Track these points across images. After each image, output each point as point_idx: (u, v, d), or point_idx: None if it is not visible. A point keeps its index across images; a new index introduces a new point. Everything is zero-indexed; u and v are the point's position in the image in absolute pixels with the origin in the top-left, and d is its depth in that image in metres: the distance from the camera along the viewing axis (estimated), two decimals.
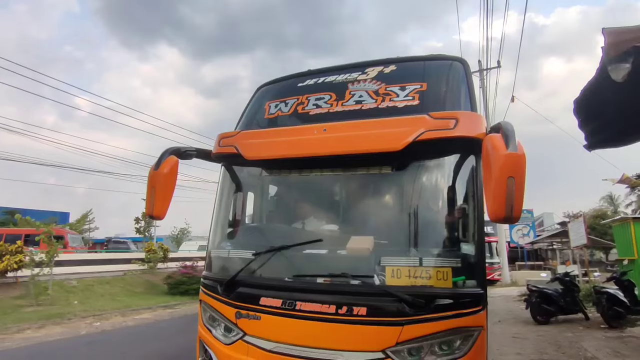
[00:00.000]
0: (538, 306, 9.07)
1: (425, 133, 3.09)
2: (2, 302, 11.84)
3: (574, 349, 6.60)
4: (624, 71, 1.50)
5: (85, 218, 44.58)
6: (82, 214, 44.83)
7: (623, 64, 1.51)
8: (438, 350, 2.89)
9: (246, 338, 3.31)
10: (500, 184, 2.51)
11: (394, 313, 2.91)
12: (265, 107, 4.13)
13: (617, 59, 1.54)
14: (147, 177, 3.58)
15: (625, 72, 1.51)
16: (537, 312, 9.09)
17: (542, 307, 9.03)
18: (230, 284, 3.44)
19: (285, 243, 3.42)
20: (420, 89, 3.57)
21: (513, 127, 2.76)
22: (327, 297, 3.09)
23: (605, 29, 1.58)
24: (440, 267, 2.99)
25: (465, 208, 3.15)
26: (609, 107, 1.85)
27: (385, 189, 3.67)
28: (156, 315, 11.90)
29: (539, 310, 9.05)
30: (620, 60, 1.52)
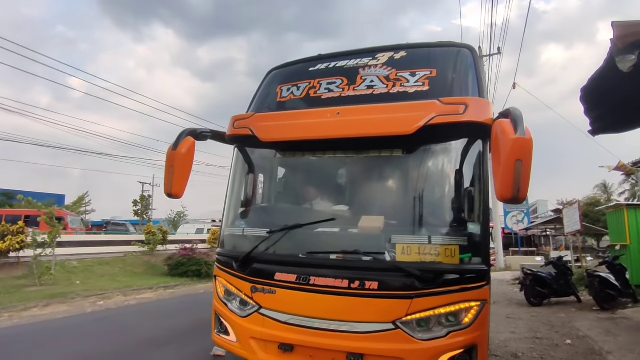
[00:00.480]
0: (532, 289, 9.37)
1: (436, 118, 3.22)
2: (6, 281, 11.98)
3: (566, 328, 6.88)
4: (630, 62, 1.63)
5: (81, 200, 44.60)
6: (79, 196, 44.83)
7: (629, 56, 1.63)
8: (445, 321, 3.08)
9: (262, 311, 3.49)
10: (509, 167, 2.66)
11: (404, 287, 3.09)
12: (277, 90, 4.22)
13: (625, 51, 1.66)
14: (165, 157, 3.69)
15: (631, 63, 1.63)
16: (531, 294, 9.39)
17: (536, 290, 9.32)
18: (246, 260, 3.59)
19: (298, 222, 3.58)
20: (430, 75, 3.69)
21: (521, 112, 2.89)
22: (340, 272, 3.26)
23: (614, 22, 1.69)
24: (448, 245, 3.16)
25: (472, 190, 3.30)
26: (614, 95, 1.98)
27: (396, 171, 3.81)
28: (158, 295, 12.10)
29: (533, 292, 9.35)
30: (627, 52, 1.64)
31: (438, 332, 3.07)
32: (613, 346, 5.58)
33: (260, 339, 3.49)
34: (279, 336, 3.38)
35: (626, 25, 1.72)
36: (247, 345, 3.56)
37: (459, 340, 3.04)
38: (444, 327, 3.07)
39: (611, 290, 8.49)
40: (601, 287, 8.55)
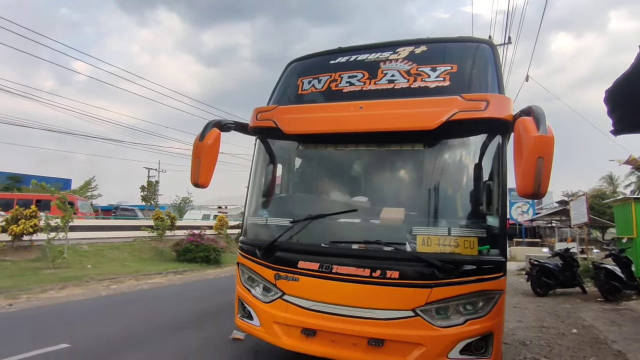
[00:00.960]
0: (538, 279, 9.52)
1: (458, 114, 3.31)
2: (20, 264, 12.24)
3: (572, 318, 7.03)
4: None
5: (88, 185, 44.92)
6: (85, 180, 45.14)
7: None
8: (463, 310, 3.22)
9: (285, 297, 3.65)
10: (530, 163, 2.76)
11: (424, 276, 3.23)
12: (298, 82, 4.30)
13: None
14: (192, 147, 3.81)
15: None
16: (537, 284, 9.54)
17: (542, 280, 9.48)
18: (270, 248, 3.74)
19: (320, 212, 3.71)
20: (451, 70, 3.76)
21: (543, 111, 2.97)
22: (361, 261, 3.40)
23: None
24: (467, 237, 3.29)
25: (491, 184, 3.41)
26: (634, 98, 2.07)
27: (417, 164, 3.91)
28: (168, 280, 12.35)
29: (539, 283, 9.50)
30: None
31: (456, 319, 3.21)
32: (617, 336, 5.73)
33: (283, 323, 3.65)
34: (302, 321, 3.54)
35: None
36: (270, 329, 3.72)
37: (475, 328, 3.18)
38: (462, 315, 3.22)
39: (616, 282, 8.62)
40: (606, 278, 8.68)
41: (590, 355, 4.92)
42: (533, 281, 9.64)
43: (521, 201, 26.03)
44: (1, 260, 12.08)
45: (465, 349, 3.19)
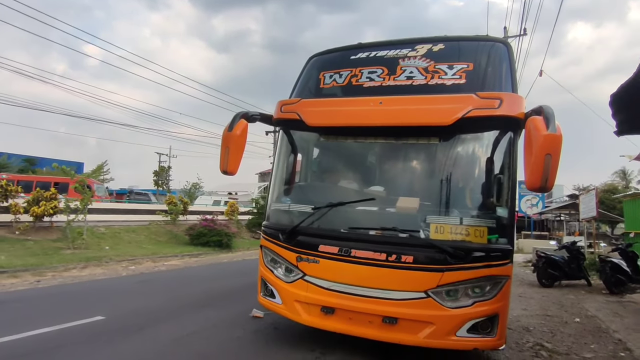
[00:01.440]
0: (544, 270, 9.74)
1: (473, 111, 3.54)
2: (42, 244, 12.74)
3: (575, 308, 7.27)
4: None
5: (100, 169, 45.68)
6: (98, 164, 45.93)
7: None
8: (471, 293, 3.50)
9: (306, 278, 3.95)
10: (539, 160, 3.00)
11: (436, 261, 3.50)
12: (320, 77, 4.53)
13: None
14: (221, 137, 4.09)
15: None
16: (543, 276, 9.76)
17: (548, 272, 9.69)
18: (292, 232, 4.03)
19: (340, 200, 3.98)
20: (467, 68, 3.96)
21: (553, 110, 3.19)
22: (378, 246, 3.68)
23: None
24: (478, 226, 3.55)
25: (501, 177, 3.65)
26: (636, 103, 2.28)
27: (432, 157, 4.15)
28: (184, 262, 12.79)
29: (545, 274, 9.72)
30: None
31: (465, 301, 3.49)
32: (619, 326, 5.97)
33: (304, 302, 3.96)
34: (321, 300, 3.85)
35: None
36: (292, 307, 4.04)
37: (482, 309, 3.46)
38: (470, 298, 3.49)
39: (622, 275, 8.80)
40: (612, 272, 8.86)
41: (591, 343, 5.17)
42: (539, 272, 9.86)
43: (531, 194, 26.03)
44: (24, 239, 12.58)
45: (473, 328, 3.47)
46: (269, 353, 4.16)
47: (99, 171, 47.09)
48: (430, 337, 3.52)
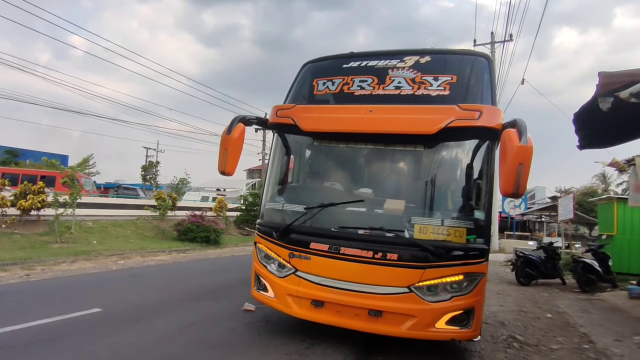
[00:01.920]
0: (522, 269, 10.20)
1: (455, 121, 3.86)
2: (30, 237, 12.72)
3: (548, 305, 7.71)
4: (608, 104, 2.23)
5: (86, 162, 45.08)
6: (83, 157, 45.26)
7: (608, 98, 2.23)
8: (450, 288, 3.82)
9: (298, 273, 4.23)
10: (512, 168, 3.32)
11: (419, 259, 3.82)
12: (314, 83, 4.80)
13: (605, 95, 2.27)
14: (220, 140, 4.33)
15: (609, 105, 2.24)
16: (520, 274, 10.22)
17: (525, 271, 10.15)
18: (285, 231, 4.30)
19: (331, 201, 4.27)
20: (451, 80, 4.28)
21: (526, 124, 3.52)
22: (366, 244, 3.98)
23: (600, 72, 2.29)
24: (458, 227, 3.87)
25: (480, 183, 3.98)
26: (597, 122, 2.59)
27: (417, 163, 4.47)
28: (172, 258, 12.93)
29: (523, 273, 10.18)
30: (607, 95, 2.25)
31: (444, 296, 3.82)
32: (586, 321, 6.41)
33: (295, 295, 4.24)
34: (311, 294, 4.13)
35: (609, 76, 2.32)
36: (284, 300, 4.32)
37: (459, 304, 3.79)
38: (449, 293, 3.82)
39: (593, 275, 9.31)
40: (584, 271, 9.37)
41: (559, 336, 5.57)
42: (517, 271, 10.32)
43: None
44: (11, 233, 12.54)
45: (451, 320, 3.80)
46: (262, 343, 4.43)
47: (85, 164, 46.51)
48: (412, 329, 3.83)
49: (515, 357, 4.62)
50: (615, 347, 5.12)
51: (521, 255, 10.40)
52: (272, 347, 4.29)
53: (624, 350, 4.94)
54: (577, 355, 4.83)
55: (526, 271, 10.16)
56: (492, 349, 4.83)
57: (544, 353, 4.83)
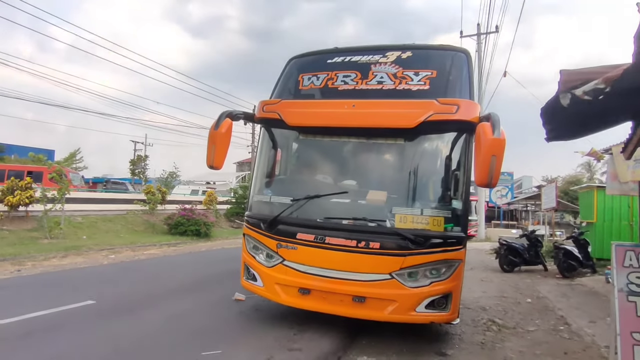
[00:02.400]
0: (505, 257, 10.52)
1: (433, 115, 4.03)
2: (18, 234, 12.67)
3: (530, 290, 8.01)
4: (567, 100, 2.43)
5: (73, 156, 44.51)
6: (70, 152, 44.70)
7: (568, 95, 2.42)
8: (429, 274, 4.03)
9: (285, 262, 4.40)
10: (486, 160, 3.51)
11: (400, 247, 4.01)
12: (299, 78, 4.93)
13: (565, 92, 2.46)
14: (208, 135, 4.45)
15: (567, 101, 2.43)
16: (504, 262, 10.55)
17: (508, 258, 10.48)
18: (273, 222, 4.46)
19: (317, 193, 4.44)
20: (431, 75, 4.45)
21: (499, 117, 3.71)
22: (349, 234, 4.17)
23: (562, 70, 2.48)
24: (436, 216, 4.07)
25: (457, 174, 4.18)
26: (561, 117, 2.78)
27: (398, 155, 4.65)
28: (163, 252, 12.99)
29: (506, 260, 10.51)
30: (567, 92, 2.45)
31: (423, 281, 4.02)
32: (564, 305, 6.71)
33: (283, 284, 4.42)
34: (298, 282, 4.31)
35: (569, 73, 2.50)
36: (272, 289, 4.49)
37: (438, 288, 4.00)
38: (428, 278, 4.03)
39: (573, 261, 9.66)
40: (564, 258, 9.71)
41: (537, 319, 5.85)
42: (501, 259, 10.64)
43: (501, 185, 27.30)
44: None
45: (430, 305, 4.01)
46: (253, 330, 4.62)
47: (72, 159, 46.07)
48: (394, 313, 4.04)
49: (494, 338, 4.87)
50: (588, 327, 5.40)
51: (504, 244, 10.71)
52: (261, 333, 4.47)
53: (596, 331, 5.22)
54: (551, 336, 5.10)
55: (509, 259, 10.48)
56: (472, 332, 5.08)
57: (520, 335, 5.09)
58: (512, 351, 4.46)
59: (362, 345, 4.41)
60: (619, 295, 3.30)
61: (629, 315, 3.24)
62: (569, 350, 4.56)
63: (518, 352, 4.44)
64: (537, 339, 4.95)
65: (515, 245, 10.58)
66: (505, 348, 4.56)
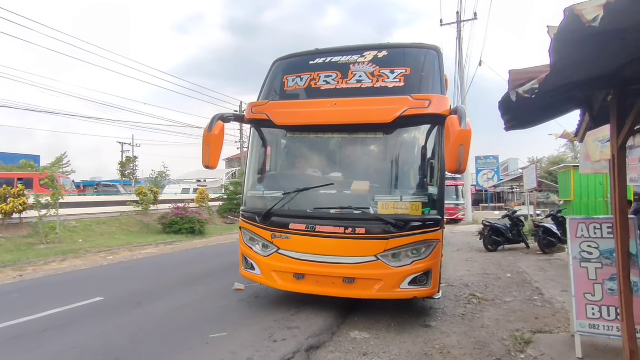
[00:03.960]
0: (489, 237, 11.08)
1: (408, 110, 4.44)
2: (15, 240, 12.85)
3: (511, 267, 8.55)
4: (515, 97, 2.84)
5: (59, 161, 44.17)
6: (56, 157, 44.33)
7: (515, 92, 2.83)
8: (410, 254, 4.47)
9: (280, 251, 4.81)
10: (454, 149, 3.93)
11: (383, 231, 4.44)
12: (284, 80, 5.31)
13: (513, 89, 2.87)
14: (202, 137, 4.81)
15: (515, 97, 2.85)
16: (488, 242, 11.10)
17: (492, 238, 11.04)
18: (267, 215, 4.85)
19: (305, 186, 4.84)
20: (405, 72, 4.85)
21: (465, 110, 4.13)
22: (337, 222, 4.58)
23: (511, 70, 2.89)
24: (414, 202, 4.50)
25: (432, 162, 4.60)
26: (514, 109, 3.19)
27: (378, 148, 5.07)
28: (160, 250, 13.29)
29: (490, 240, 11.06)
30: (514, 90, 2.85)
31: (405, 261, 4.46)
32: (541, 278, 7.25)
33: (279, 271, 4.83)
34: (293, 268, 4.72)
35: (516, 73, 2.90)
36: (269, 276, 4.90)
37: (419, 267, 4.44)
38: (410, 258, 4.47)
39: (552, 238, 10.24)
40: (544, 235, 10.29)
41: (514, 291, 6.36)
42: (485, 239, 11.19)
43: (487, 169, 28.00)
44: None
45: (412, 281, 4.46)
46: (253, 315, 5.03)
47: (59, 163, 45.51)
48: (381, 291, 4.48)
49: (473, 310, 5.35)
50: (560, 296, 5.93)
51: (488, 225, 11.26)
52: (262, 317, 4.89)
53: (567, 299, 5.69)
54: (526, 305, 5.61)
55: (493, 239, 11.04)
56: (454, 306, 5.55)
57: (498, 305, 5.59)
58: (490, 320, 4.95)
59: (354, 322, 4.86)
60: (574, 262, 3.77)
61: (582, 279, 3.72)
62: (539, 315, 5.07)
63: (495, 320, 4.92)
64: (513, 308, 5.45)
65: (498, 225, 11.13)
66: (484, 317, 5.04)
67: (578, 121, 3.90)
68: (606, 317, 3.62)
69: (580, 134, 4.04)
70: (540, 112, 3.42)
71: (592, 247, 3.72)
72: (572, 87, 2.95)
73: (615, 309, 3.56)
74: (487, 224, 11.34)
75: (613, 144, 3.05)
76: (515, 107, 3.05)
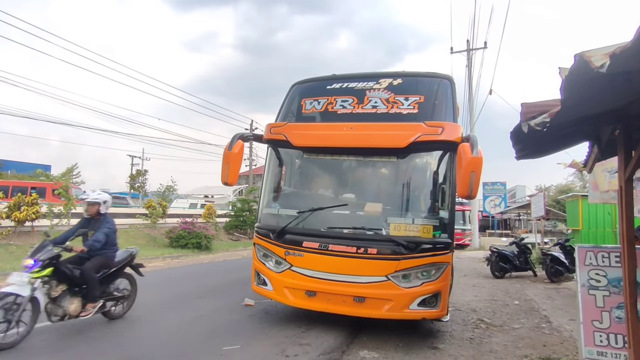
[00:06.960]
0: (496, 264, 11.07)
1: (421, 136, 4.63)
2: (26, 248, 12.66)
3: (518, 294, 8.54)
4: (527, 128, 3.00)
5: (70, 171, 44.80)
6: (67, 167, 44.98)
7: (526, 124, 3.00)
8: (420, 276, 4.58)
9: (293, 268, 4.93)
10: (466, 176, 4.09)
11: (394, 252, 4.56)
12: (302, 103, 5.54)
13: (525, 121, 3.04)
14: (222, 155, 5.02)
15: (527, 129, 3.01)
16: (495, 268, 11.09)
17: (499, 265, 11.02)
18: (281, 232, 5.00)
19: (320, 206, 5.00)
20: (419, 100, 5.06)
21: (477, 138, 4.31)
22: (350, 242, 4.72)
23: (522, 103, 3.06)
24: (426, 225, 4.64)
25: (444, 187, 4.76)
26: (525, 140, 3.36)
27: (391, 172, 5.25)
28: (167, 264, 13.38)
29: (497, 267, 11.05)
30: (526, 122, 3.02)
31: (415, 282, 4.56)
32: (549, 306, 7.25)
33: (291, 287, 4.94)
34: (305, 285, 4.84)
35: (528, 106, 3.09)
36: (281, 292, 5.01)
37: (429, 288, 4.54)
38: (420, 279, 4.57)
39: (560, 266, 10.22)
40: (551, 263, 10.28)
41: (522, 318, 6.38)
42: (492, 266, 11.17)
43: (494, 195, 28.04)
44: (7, 244, 12.83)
45: (422, 303, 4.55)
46: (265, 330, 5.11)
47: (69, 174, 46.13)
48: (390, 311, 4.57)
49: (481, 335, 5.39)
50: (568, 325, 5.94)
51: (495, 251, 11.27)
52: (273, 332, 4.98)
53: (574, 328, 5.73)
54: (534, 332, 5.63)
55: (500, 265, 11.03)
56: (461, 330, 5.59)
57: (506, 331, 5.61)
58: (498, 345, 4.98)
59: (363, 341, 4.91)
60: (582, 289, 3.85)
61: (590, 306, 3.79)
62: (547, 343, 5.10)
63: (503, 346, 4.95)
64: (521, 334, 5.47)
65: (505, 252, 11.14)
66: (492, 342, 5.08)
67: (587, 152, 4.05)
68: (614, 344, 3.67)
69: (589, 165, 4.18)
70: (551, 143, 3.58)
71: (600, 275, 3.80)
72: (581, 121, 3.11)
73: (622, 337, 3.61)
74: (494, 250, 11.35)
75: (620, 176, 3.18)
76: (526, 137, 3.21)
